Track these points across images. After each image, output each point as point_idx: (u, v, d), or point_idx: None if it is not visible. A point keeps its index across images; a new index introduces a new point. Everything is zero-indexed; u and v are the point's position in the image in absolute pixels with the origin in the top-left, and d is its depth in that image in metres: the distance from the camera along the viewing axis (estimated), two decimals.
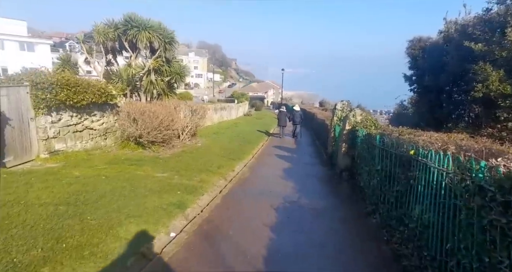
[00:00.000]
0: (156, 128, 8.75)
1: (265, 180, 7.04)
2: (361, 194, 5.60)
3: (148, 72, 11.82)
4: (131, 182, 5.57)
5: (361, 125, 6.73)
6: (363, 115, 7.08)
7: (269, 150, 12.05)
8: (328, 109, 31.68)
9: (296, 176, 7.46)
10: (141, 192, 5.00)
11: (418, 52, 11.40)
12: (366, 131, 5.91)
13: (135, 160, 7.65)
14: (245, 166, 8.69)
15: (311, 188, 6.45)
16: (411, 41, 11.90)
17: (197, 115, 12.24)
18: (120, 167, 6.71)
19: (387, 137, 4.47)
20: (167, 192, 5.24)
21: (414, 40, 11.75)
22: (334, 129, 9.61)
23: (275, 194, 5.76)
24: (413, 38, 11.79)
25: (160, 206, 4.51)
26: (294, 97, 63.40)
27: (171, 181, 6.11)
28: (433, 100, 10.17)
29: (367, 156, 5.36)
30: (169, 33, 11.96)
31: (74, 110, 7.53)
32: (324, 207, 5.11)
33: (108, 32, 10.94)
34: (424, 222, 3.05)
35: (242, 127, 19.38)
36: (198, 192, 5.53)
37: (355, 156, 6.73)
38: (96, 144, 8.59)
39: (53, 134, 6.93)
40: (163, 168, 7.09)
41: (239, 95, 37.93)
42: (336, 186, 6.69)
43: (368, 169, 5.21)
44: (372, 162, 4.90)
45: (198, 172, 7.07)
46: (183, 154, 9.15)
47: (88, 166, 6.54)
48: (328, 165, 9.19)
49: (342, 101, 9.65)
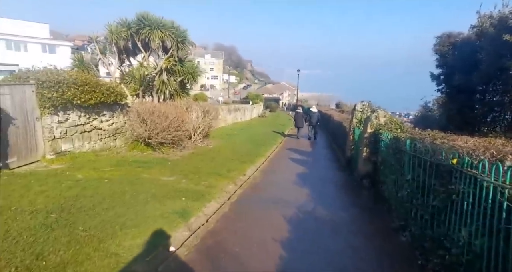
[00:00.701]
0: (165, 129, 8.45)
1: (277, 186, 6.52)
2: (386, 205, 4.98)
3: (161, 72, 11.61)
4: (134, 186, 5.23)
5: (385, 127, 6.09)
6: (387, 116, 6.43)
7: (283, 152, 11.51)
8: (345, 111, 30.69)
9: (312, 182, 6.89)
10: (143, 198, 4.63)
11: (447, 49, 10.44)
12: (392, 134, 5.28)
13: (142, 162, 7.36)
14: (257, 170, 8.21)
15: (328, 196, 5.87)
16: (440, 37, 10.90)
17: (209, 116, 11.91)
18: (125, 170, 6.41)
19: (420, 142, 3.85)
20: (171, 198, 4.85)
21: (442, 36, 10.76)
22: (353, 131, 8.96)
23: (288, 202, 5.23)
24: (441, 34, 10.81)
25: (161, 214, 4.11)
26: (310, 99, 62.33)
27: (177, 185, 5.73)
28: (464, 101, 9.26)
29: (393, 163, 4.73)
30: (182, 32, 11.70)
31: (82, 109, 7.33)
32: (343, 219, 4.53)
33: (121, 31, 10.80)
34: (475, 250, 2.45)
35: (256, 128, 18.93)
36: (204, 199, 5.10)
37: (377, 162, 6.09)
38: (105, 145, 8.39)
39: (60, 134, 6.74)
40: (170, 171, 6.74)
41: (253, 96, 37.51)
42: (356, 194, 6.06)
43: (395, 177, 4.59)
44: (400, 171, 4.28)
45: (207, 176, 6.67)
46: (193, 156, 8.80)
47: (93, 168, 6.28)
48: (346, 170, 8.54)
49: (362, 102, 8.98)
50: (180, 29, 11.83)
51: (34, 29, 27.60)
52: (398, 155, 4.41)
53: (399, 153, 4.37)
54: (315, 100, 54.86)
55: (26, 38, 26.33)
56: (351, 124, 9.25)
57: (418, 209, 3.64)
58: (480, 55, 8.44)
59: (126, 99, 8.89)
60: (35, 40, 26.74)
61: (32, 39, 26.55)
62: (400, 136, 4.46)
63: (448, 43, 10.48)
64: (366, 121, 6.90)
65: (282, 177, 7.42)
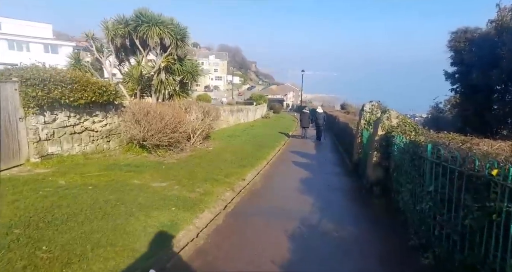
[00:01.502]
0: (161, 130, 7.97)
1: (279, 194, 5.98)
2: (401, 217, 4.40)
3: (159, 71, 11.17)
4: (120, 194, 4.73)
5: (398, 130, 5.52)
6: (399, 117, 5.85)
7: (286, 155, 10.96)
8: (350, 112, 30.06)
9: (316, 189, 6.34)
10: (126, 209, 4.12)
11: (463, 45, 9.69)
12: (408, 138, 4.71)
13: (135, 166, 6.88)
14: (258, 175, 7.68)
15: (335, 206, 5.30)
16: (455, 32, 10.14)
17: (209, 117, 11.43)
18: (115, 175, 5.93)
19: (444, 148, 3.29)
20: (159, 208, 4.34)
21: (458, 32, 9.99)
22: (361, 134, 8.38)
23: (290, 213, 4.69)
24: (457, 30, 10.05)
25: (145, 228, 3.60)
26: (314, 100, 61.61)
27: (169, 192, 5.23)
28: (482, 101, 8.57)
29: (409, 171, 4.17)
30: (182, 29, 11.24)
31: (72, 109, 6.88)
32: (353, 235, 3.97)
33: (118, 28, 10.38)
34: None
35: (259, 129, 18.39)
36: (197, 208, 4.59)
37: (389, 167, 5.51)
38: (98, 147, 7.94)
39: (46, 136, 6.29)
40: (163, 176, 6.24)
41: (257, 97, 36.97)
42: (366, 204, 5.48)
43: (412, 187, 4.02)
44: (420, 180, 3.72)
45: (202, 182, 6.16)
46: (190, 160, 8.31)
47: (80, 172, 5.81)
48: (353, 175, 7.96)
49: (371, 102, 8.41)
50: (180, 27, 11.37)
51: (37, 29, 27.48)
52: (416, 161, 3.84)
53: (417, 159, 3.80)
54: (319, 101, 54.22)
55: (28, 38, 26.20)
56: (359, 126, 8.68)
57: (444, 226, 3.07)
58: (500, 51, 7.76)
59: (120, 99, 8.45)
60: (37, 40, 26.60)
61: (34, 39, 26.42)
62: (418, 140, 3.89)
63: (464, 39, 9.72)
64: (376, 123, 6.33)
65: (284, 183, 6.88)
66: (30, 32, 26.43)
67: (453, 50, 10.26)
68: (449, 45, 10.36)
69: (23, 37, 26.04)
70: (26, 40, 26.46)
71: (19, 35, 25.69)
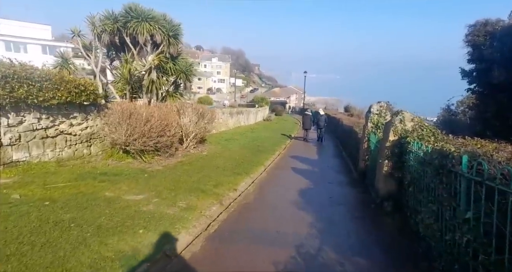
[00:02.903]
0: (145, 134, 7.20)
1: (273, 210, 5.13)
2: (421, 244, 3.55)
3: (150, 70, 10.44)
4: (80, 212, 3.94)
5: (414, 135, 4.67)
6: (415, 120, 5.00)
7: (285, 161, 10.12)
8: (354, 115, 29.07)
9: (317, 203, 5.49)
10: (80, 233, 3.33)
11: (483, 40, 8.73)
12: (428, 145, 3.86)
13: (113, 174, 6.10)
14: (253, 184, 6.87)
15: (339, 227, 4.43)
16: (473, 25, 9.09)
17: (203, 120, 10.67)
18: (85, 185, 5.15)
19: (487, 161, 2.44)
20: (123, 230, 3.53)
21: (477, 24, 8.96)
22: (368, 138, 7.52)
23: (284, 237, 3.85)
24: (475, 22, 9.00)
25: (94, 262, 2.79)
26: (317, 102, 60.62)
27: (143, 208, 4.43)
28: (505, 102, 7.62)
29: (433, 187, 3.32)
30: (174, 25, 10.54)
31: (44, 110, 6.15)
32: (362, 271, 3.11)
33: (106, 24, 9.68)
34: None
35: (259, 133, 17.58)
36: (173, 229, 3.79)
37: (404, 180, 4.65)
38: (77, 153, 7.18)
39: (10, 140, 5.54)
40: (142, 187, 5.46)
41: (259, 100, 36.20)
42: (377, 224, 4.60)
43: (438, 209, 3.17)
44: (450, 201, 2.87)
45: (187, 193, 5.38)
46: (178, 166, 7.52)
47: (44, 183, 5.05)
48: (359, 185, 7.09)
49: (379, 103, 7.56)
50: (173, 23, 10.68)
51: (36, 30, 27.08)
52: (444, 177, 2.99)
53: (446, 174, 2.95)
54: (322, 104, 53.36)
55: (26, 39, 25.79)
56: (365, 130, 7.82)
57: (495, 270, 2.21)
58: None
59: (102, 99, 7.72)
60: (35, 41, 26.18)
61: (32, 41, 26.00)
62: (447, 149, 3.04)
63: (484, 33, 8.71)
64: (387, 126, 5.48)
65: (281, 195, 6.03)
66: (29, 34, 26.03)
67: (470, 45, 9.21)
68: (467, 40, 9.33)
69: (21, 38, 25.65)
70: (23, 41, 26.06)
71: (16, 36, 25.29)
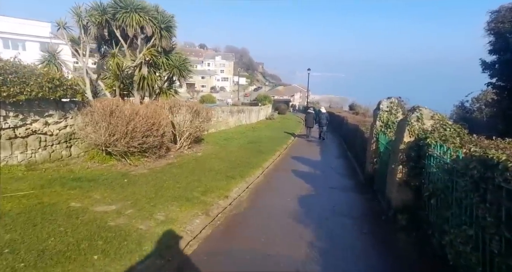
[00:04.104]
0: (127, 134, 6.50)
1: (267, 224, 4.36)
2: None
3: (141, 65, 9.75)
4: (27, 230, 3.25)
5: (435, 135, 3.88)
6: (435, 118, 4.21)
7: (285, 162, 9.36)
8: (359, 113, 28.11)
9: (318, 215, 4.72)
10: (9, 263, 2.62)
11: (508, 27, 7.76)
12: (463, 150, 3.07)
13: (88, 179, 5.42)
14: (247, 189, 6.14)
15: (344, 247, 3.62)
16: (496, 11, 8.06)
17: (198, 118, 9.97)
18: (50, 194, 4.47)
19: None
20: (71, 257, 2.82)
21: (501, 10, 7.93)
22: (377, 139, 6.73)
23: (275, 263, 3.10)
24: (499, 7, 7.98)
25: None
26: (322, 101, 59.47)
27: (111, 222, 3.73)
28: None
29: (469, 204, 2.54)
30: (167, 17, 9.82)
31: (10, 107, 5.49)
32: None
33: (93, 15, 9.00)
34: None
35: (260, 132, 16.83)
36: (138, 253, 3.07)
37: (423, 190, 3.86)
38: (53, 154, 6.52)
39: None
40: (117, 195, 4.76)
41: (262, 98, 35.35)
42: (390, 243, 3.80)
43: (478, 234, 2.39)
44: (498, 226, 2.09)
45: (169, 202, 4.69)
46: (167, 169, 6.83)
47: (4, 190, 4.37)
48: (367, 192, 6.30)
49: (389, 99, 6.75)
50: (165, 15, 9.97)
51: (34, 27, 26.62)
52: (489, 194, 2.21)
53: (492, 190, 2.17)
54: (327, 102, 52.36)
55: (24, 36, 25.36)
56: (373, 129, 7.03)
57: None
58: None
59: (82, 95, 7.03)
60: (34, 39, 25.71)
61: (30, 38, 25.55)
62: (495, 157, 2.23)
63: (510, 18, 7.76)
64: (401, 126, 4.69)
65: (277, 204, 5.27)
66: (28, 31, 25.58)
67: (493, 33, 8.18)
68: (489, 28, 8.32)
69: (19, 35, 25.22)
70: (22, 39, 25.64)
71: (15, 33, 24.87)
